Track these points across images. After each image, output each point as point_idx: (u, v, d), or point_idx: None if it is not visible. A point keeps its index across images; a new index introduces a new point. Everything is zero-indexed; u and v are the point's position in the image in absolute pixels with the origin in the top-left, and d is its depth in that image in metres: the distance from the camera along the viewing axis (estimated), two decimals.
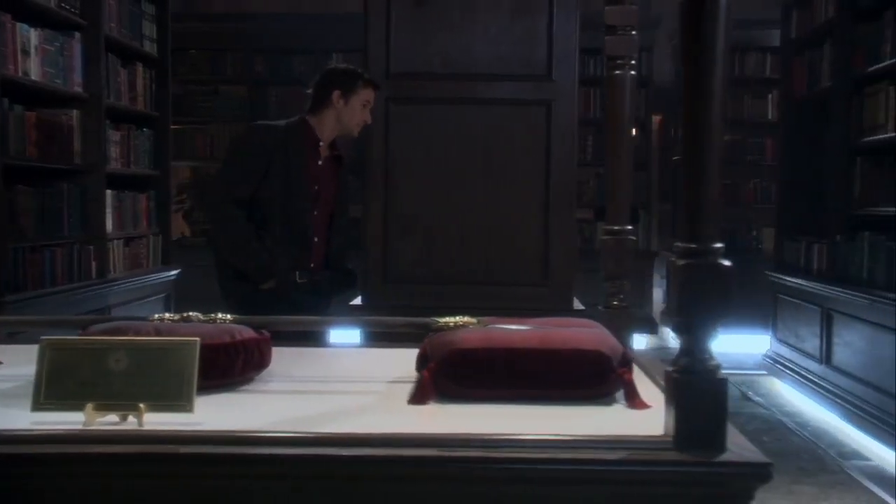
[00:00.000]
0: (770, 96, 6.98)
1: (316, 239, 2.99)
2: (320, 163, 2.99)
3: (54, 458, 1.30)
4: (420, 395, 1.62)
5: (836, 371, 4.50)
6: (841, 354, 4.47)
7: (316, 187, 2.97)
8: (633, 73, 2.20)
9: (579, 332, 1.74)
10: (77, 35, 4.02)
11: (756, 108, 7.11)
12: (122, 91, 4.54)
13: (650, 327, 7.04)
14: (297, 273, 2.90)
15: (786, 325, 5.29)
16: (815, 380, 4.72)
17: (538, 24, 3.29)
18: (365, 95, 2.96)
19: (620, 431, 1.43)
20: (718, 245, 1.37)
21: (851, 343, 4.34)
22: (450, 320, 1.82)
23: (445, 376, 1.63)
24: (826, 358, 4.63)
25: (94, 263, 4.15)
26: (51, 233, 3.86)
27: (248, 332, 1.75)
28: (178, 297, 5.26)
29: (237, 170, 2.91)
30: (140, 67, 4.75)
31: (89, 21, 4.07)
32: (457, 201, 3.30)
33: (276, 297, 2.82)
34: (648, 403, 1.60)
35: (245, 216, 2.85)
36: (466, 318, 1.84)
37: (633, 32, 2.18)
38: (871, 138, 4.26)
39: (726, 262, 1.37)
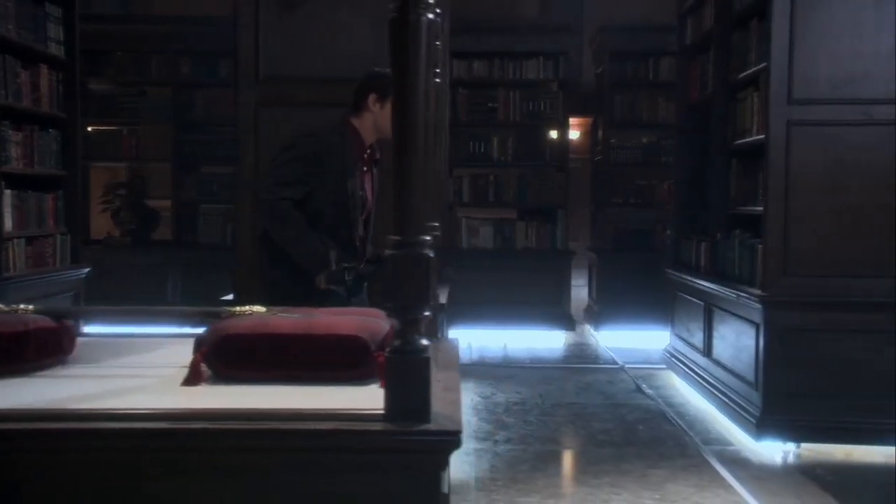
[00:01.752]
0: None
1: (358, 241, 3.10)
2: (365, 168, 3.09)
3: None
4: (192, 377, 1.78)
5: (714, 363, 4.72)
6: (718, 347, 4.69)
7: (362, 192, 3.07)
8: (437, 80, 2.36)
9: (346, 319, 1.89)
10: None
11: (670, 110, 7.34)
12: (24, 92, 4.63)
13: (568, 324, 7.25)
14: (346, 271, 2.98)
15: (680, 320, 5.50)
16: (700, 372, 4.94)
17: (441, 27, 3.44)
18: None
19: (362, 407, 1.58)
20: (425, 238, 1.54)
21: (725, 336, 4.56)
22: (240, 309, 1.98)
23: (215, 360, 1.78)
24: (708, 351, 4.85)
25: None
26: None
27: (43, 322, 1.89)
28: (100, 296, 5.34)
29: (292, 175, 2.95)
30: (44, 69, 4.83)
31: None
32: None
33: (320, 292, 2.91)
34: None
35: (299, 214, 2.93)
36: (256, 308, 2.00)
37: (438, 43, 2.34)
38: (741, 141, 4.48)
39: (430, 254, 1.53)
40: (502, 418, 4.51)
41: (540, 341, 6.95)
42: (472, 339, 6.97)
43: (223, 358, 1.77)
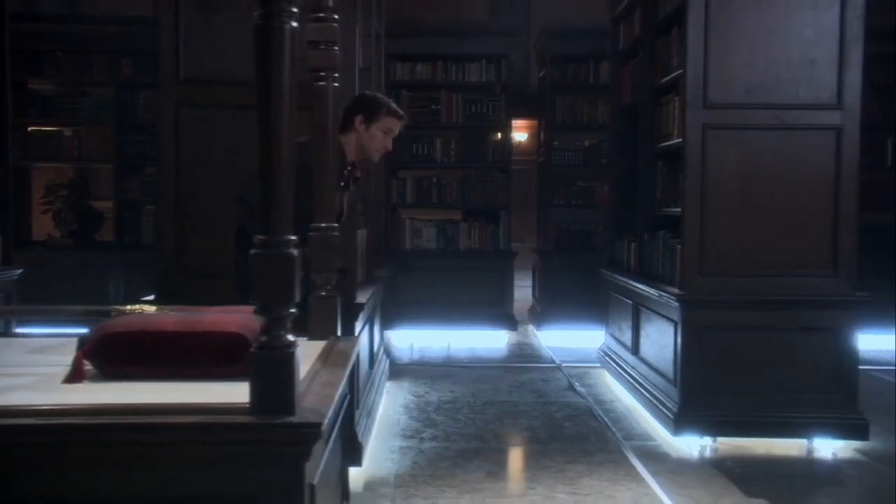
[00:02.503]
0: None
1: None
2: (343, 184, 3.12)
3: None
4: (74, 375, 1.81)
5: (641, 361, 4.83)
6: (644, 346, 4.80)
7: (339, 206, 3.08)
8: (335, 84, 2.42)
9: (232, 317, 1.94)
10: None
11: (609, 113, 7.46)
12: None
13: (510, 324, 7.34)
14: None
15: (613, 320, 5.62)
16: (629, 370, 5.05)
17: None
18: (387, 123, 3.11)
19: (239, 401, 1.63)
20: (290, 238, 1.59)
21: (650, 335, 4.67)
22: (129, 307, 2.01)
23: (98, 357, 1.82)
24: (636, 349, 4.97)
25: None
26: None
27: None
28: (39, 298, 5.30)
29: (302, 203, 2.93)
30: None
31: None
32: None
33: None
34: None
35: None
36: (146, 307, 2.03)
37: (336, 48, 2.40)
38: (665, 144, 4.60)
39: (294, 252, 1.59)
40: (432, 416, 4.58)
41: (483, 341, 7.03)
42: (415, 340, 7.04)
43: (106, 355, 1.81)
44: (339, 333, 2.45)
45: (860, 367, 4.09)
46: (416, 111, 7.29)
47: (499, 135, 7.43)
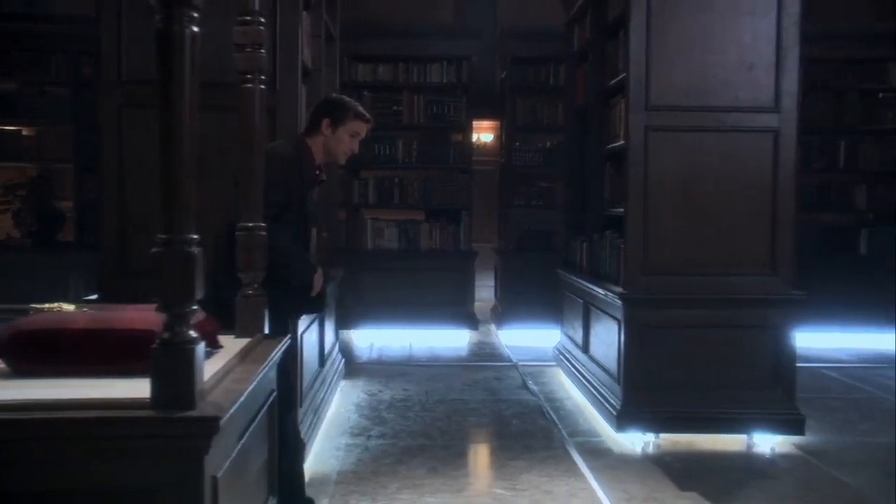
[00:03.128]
0: None
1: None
2: (312, 188, 3.14)
3: None
4: None
5: (590, 359, 4.91)
6: (594, 344, 4.88)
7: (311, 207, 3.15)
8: (262, 87, 2.46)
9: (146, 314, 1.97)
10: None
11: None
12: None
13: (471, 324, 7.40)
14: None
15: (567, 318, 5.69)
16: (580, 368, 5.12)
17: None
18: (354, 127, 3.11)
19: (143, 396, 1.66)
20: (191, 237, 1.63)
21: (598, 333, 4.75)
22: (48, 305, 2.04)
23: (9, 355, 1.85)
24: (586, 348, 5.04)
25: None
26: None
27: None
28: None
29: (274, 182, 2.87)
30: None
31: None
32: None
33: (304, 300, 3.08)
34: None
35: (281, 229, 2.92)
36: (65, 305, 2.06)
37: (262, 51, 2.44)
38: (612, 145, 4.68)
39: (195, 251, 1.63)
40: (382, 414, 4.62)
41: (444, 340, 7.08)
42: (377, 339, 7.08)
43: (17, 353, 1.84)
44: (266, 331, 2.49)
45: (816, 365, 4.18)
46: (378, 112, 7.31)
47: (460, 136, 7.49)
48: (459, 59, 7.36)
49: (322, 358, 4.50)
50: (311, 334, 4.07)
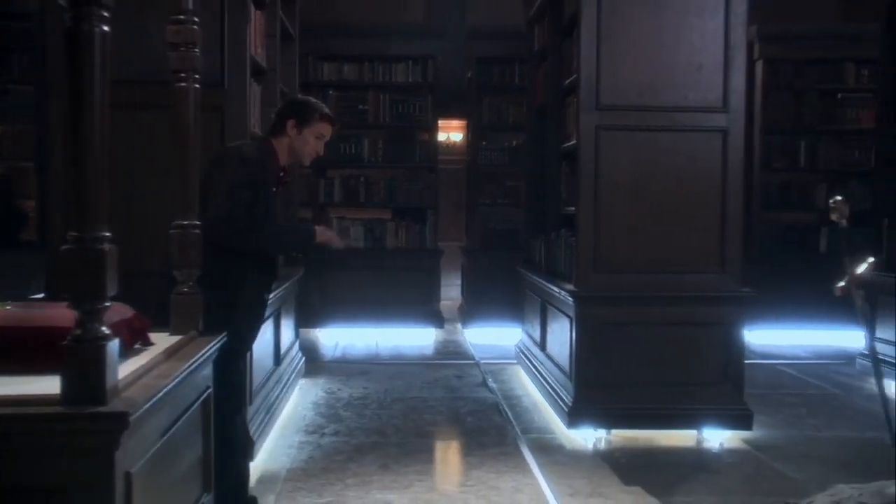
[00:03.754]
0: None
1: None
2: (275, 189, 3.10)
3: None
4: None
5: (547, 357, 4.95)
6: (550, 342, 4.92)
7: (275, 209, 3.12)
8: (196, 85, 2.47)
9: (64, 311, 1.97)
10: None
11: None
12: None
13: (437, 322, 7.43)
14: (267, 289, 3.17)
15: (527, 317, 5.73)
16: (538, 365, 5.16)
17: (211, 33, 3.52)
18: (319, 129, 3.08)
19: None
20: (103, 234, 1.64)
21: (554, 331, 4.79)
22: None
23: None
24: (543, 345, 5.08)
25: None
26: None
27: None
28: None
29: (239, 184, 2.88)
30: None
31: None
32: None
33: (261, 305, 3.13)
34: None
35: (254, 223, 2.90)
36: None
37: (196, 50, 2.45)
38: (567, 144, 4.72)
39: (106, 248, 1.64)
40: (339, 412, 4.64)
41: (410, 339, 7.10)
42: (343, 338, 7.09)
43: None
44: (201, 329, 2.50)
45: (773, 361, 4.23)
46: (344, 111, 7.33)
47: (426, 135, 7.51)
48: (425, 59, 7.39)
49: (278, 357, 4.51)
50: (263, 334, 4.07)
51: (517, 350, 5.95)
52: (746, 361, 4.14)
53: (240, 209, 2.85)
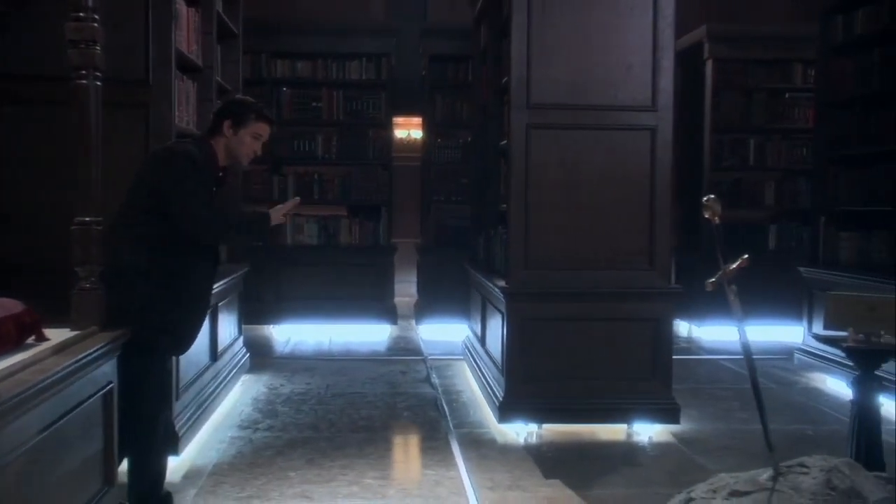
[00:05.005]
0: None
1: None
2: (214, 189, 3.08)
3: None
4: None
5: (486, 352, 5.00)
6: (488, 337, 4.97)
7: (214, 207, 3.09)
8: (98, 83, 2.49)
9: None
10: None
11: None
12: None
13: (391, 318, 7.46)
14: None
15: (472, 313, 5.78)
16: (478, 361, 5.22)
17: (135, 29, 3.54)
18: (256, 129, 3.06)
19: None
20: None
21: (491, 326, 4.85)
22: None
23: None
24: (483, 341, 5.14)
25: None
26: None
27: None
28: None
29: (192, 180, 2.88)
30: None
31: None
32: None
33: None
34: None
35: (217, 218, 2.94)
36: None
37: (97, 47, 2.47)
38: (502, 143, 4.76)
39: None
40: (277, 408, 4.67)
41: (363, 335, 7.13)
42: (295, 334, 7.11)
43: None
44: (103, 324, 2.52)
45: (716, 357, 4.28)
46: (297, 108, 7.36)
47: (381, 132, 7.53)
48: (379, 57, 7.41)
49: (214, 353, 4.53)
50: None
51: (463, 346, 6.00)
52: (691, 357, 4.22)
53: (204, 208, 2.88)
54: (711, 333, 7.13)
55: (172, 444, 3.48)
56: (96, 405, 2.37)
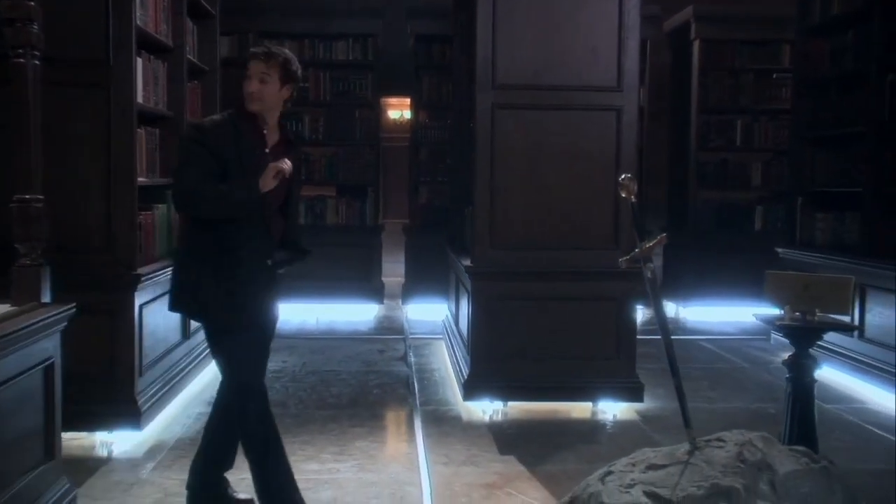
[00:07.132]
0: None
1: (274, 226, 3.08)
2: (268, 151, 2.95)
3: None
4: None
5: (458, 332, 5.04)
6: (460, 316, 5.01)
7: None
8: (36, 62, 2.53)
9: None
10: None
11: None
12: None
13: (377, 298, 7.51)
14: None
15: (449, 292, 5.82)
16: (452, 340, 5.26)
17: (95, 9, 3.57)
18: (248, 68, 3.00)
19: None
20: None
21: (461, 306, 4.88)
22: None
23: None
24: (457, 321, 5.18)
25: None
26: None
27: None
28: None
29: (188, 159, 2.82)
30: None
31: None
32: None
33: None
34: None
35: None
36: None
37: (35, 26, 2.51)
38: (470, 124, 4.78)
39: None
40: None
41: (350, 315, 7.18)
42: (282, 314, 7.14)
43: None
44: (45, 300, 2.57)
45: (695, 337, 4.28)
46: None
47: (368, 112, 7.55)
48: (365, 37, 7.42)
49: (185, 330, 4.58)
50: (159, 306, 4.13)
51: (443, 325, 6.05)
52: (673, 338, 4.21)
53: (194, 179, 2.77)
54: (697, 314, 7.15)
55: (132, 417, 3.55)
56: (35, 379, 2.43)
